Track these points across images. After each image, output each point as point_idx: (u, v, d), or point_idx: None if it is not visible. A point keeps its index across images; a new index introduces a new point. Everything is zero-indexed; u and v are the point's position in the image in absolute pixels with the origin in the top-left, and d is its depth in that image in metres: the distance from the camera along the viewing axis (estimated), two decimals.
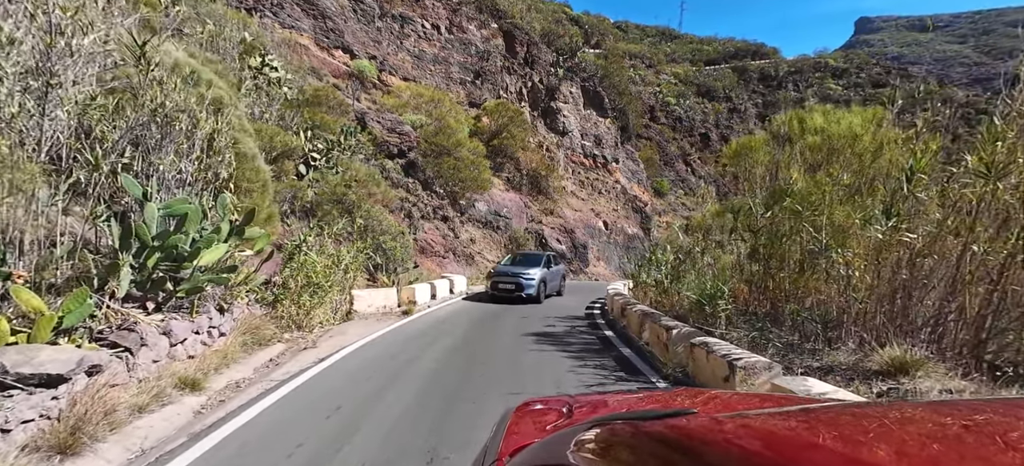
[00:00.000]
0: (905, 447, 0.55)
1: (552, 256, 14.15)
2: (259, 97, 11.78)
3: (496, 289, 12.02)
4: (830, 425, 0.68)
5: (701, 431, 0.64)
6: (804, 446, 0.58)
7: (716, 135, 71.20)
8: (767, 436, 0.64)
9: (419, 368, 5.53)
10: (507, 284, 11.92)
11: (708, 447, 0.59)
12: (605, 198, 30.69)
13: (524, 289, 11.66)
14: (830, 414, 0.76)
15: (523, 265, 12.81)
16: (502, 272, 12.37)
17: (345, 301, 9.06)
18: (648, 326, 6.33)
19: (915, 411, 0.72)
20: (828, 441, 0.59)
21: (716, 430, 0.65)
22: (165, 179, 4.96)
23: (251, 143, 8.28)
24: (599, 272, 25.93)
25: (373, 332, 7.65)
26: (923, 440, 0.58)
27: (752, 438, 0.63)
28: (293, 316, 7.39)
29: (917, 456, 0.52)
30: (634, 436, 0.69)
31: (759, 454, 0.55)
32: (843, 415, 0.74)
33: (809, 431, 0.66)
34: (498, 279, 12.19)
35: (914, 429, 0.63)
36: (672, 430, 0.65)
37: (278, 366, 5.82)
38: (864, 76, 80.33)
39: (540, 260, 13.20)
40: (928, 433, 0.61)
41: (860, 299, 3.84)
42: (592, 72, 32.34)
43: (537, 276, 12.04)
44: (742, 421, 0.74)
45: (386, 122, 18.87)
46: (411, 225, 17.63)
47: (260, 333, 6.45)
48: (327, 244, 9.10)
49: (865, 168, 4.82)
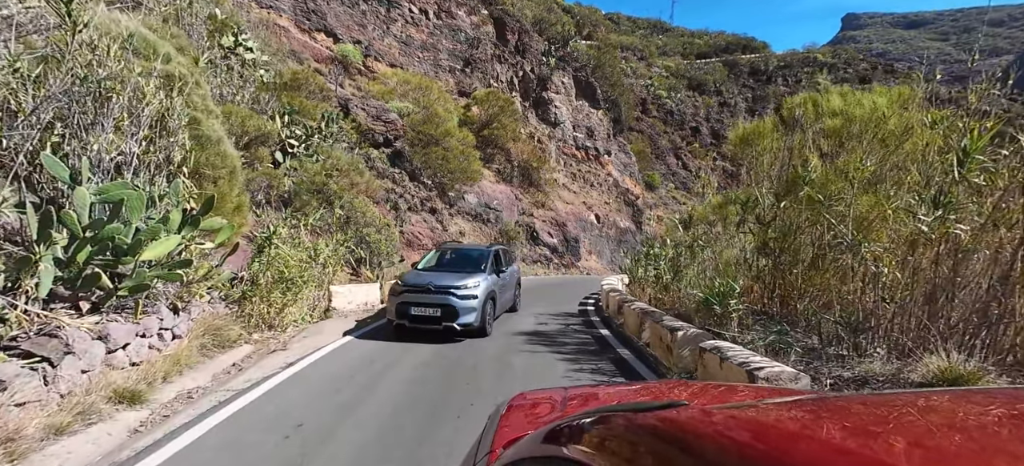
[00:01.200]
0: (895, 436, 0.56)
1: (500, 251, 8.44)
2: (231, 78, 10.99)
3: (406, 317, 6.64)
4: (820, 416, 0.69)
5: (692, 423, 0.65)
6: (793, 437, 0.59)
7: (707, 129, 71.35)
8: (757, 427, 0.65)
9: (398, 374, 4.98)
10: (425, 307, 6.56)
11: (699, 439, 0.59)
12: (597, 191, 30.28)
13: (459, 315, 6.49)
14: (821, 405, 0.78)
15: (455, 269, 7.55)
16: (415, 285, 6.80)
17: (323, 298, 8.45)
18: (648, 326, 5.86)
19: (905, 400, 0.74)
20: (818, 431, 0.61)
21: (707, 422, 0.66)
22: (103, 161, 4.29)
23: (217, 126, 7.58)
24: (591, 266, 25.57)
25: (350, 327, 7.06)
26: (913, 428, 0.59)
27: (742, 429, 0.63)
28: (264, 315, 6.77)
29: (906, 444, 0.52)
30: (626, 428, 0.68)
31: (749, 445, 0.55)
32: (834, 406, 0.75)
33: (799, 422, 0.67)
34: (410, 298, 6.69)
35: (903, 418, 0.63)
36: (663, 422, 0.65)
37: (241, 371, 5.23)
38: (851, 72, 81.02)
39: (483, 258, 7.75)
40: (917, 421, 0.62)
41: (896, 299, 3.40)
42: (584, 62, 31.74)
43: (480, 290, 6.77)
44: (732, 413, 0.74)
45: (371, 109, 18.10)
46: (397, 217, 16.97)
47: (223, 334, 5.83)
48: (303, 236, 8.46)
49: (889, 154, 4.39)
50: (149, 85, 4.74)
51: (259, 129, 9.72)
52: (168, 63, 6.77)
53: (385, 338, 6.70)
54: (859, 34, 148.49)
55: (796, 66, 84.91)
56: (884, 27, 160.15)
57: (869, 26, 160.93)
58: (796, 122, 5.53)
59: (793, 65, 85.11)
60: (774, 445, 0.55)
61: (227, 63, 11.32)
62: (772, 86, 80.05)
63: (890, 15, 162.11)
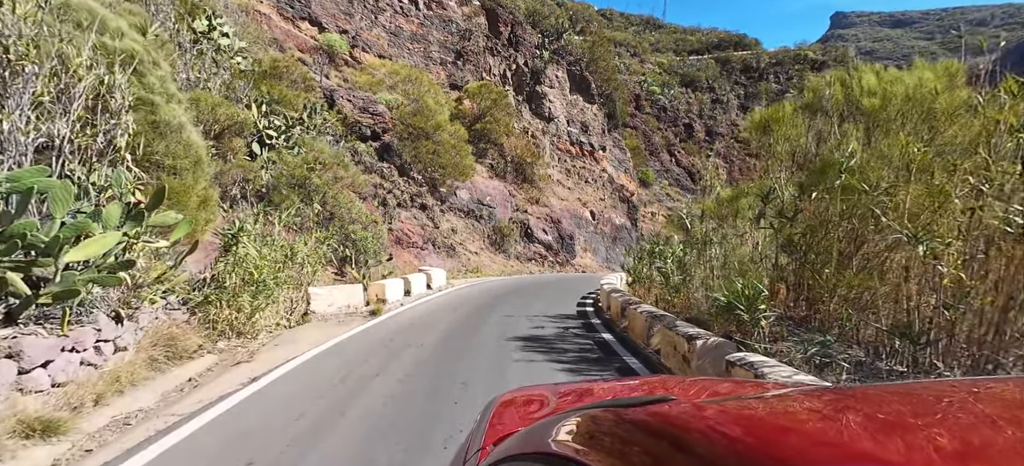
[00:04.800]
0: (882, 428, 0.56)
1: None
2: (202, 63, 10.18)
3: None
4: (809, 408, 0.70)
5: (681, 417, 0.65)
6: (782, 429, 0.60)
7: (700, 126, 71.31)
8: (746, 420, 0.65)
9: (377, 390, 4.34)
10: None
11: (688, 433, 0.59)
12: (592, 187, 29.75)
13: None
14: (810, 398, 0.78)
15: None
16: None
17: (301, 300, 7.75)
18: (659, 332, 5.27)
19: (894, 393, 0.74)
20: (806, 424, 0.62)
21: (696, 416, 0.67)
22: (17, 144, 3.57)
23: (179, 111, 6.83)
24: (586, 264, 25.03)
25: (330, 338, 6.39)
26: (899, 421, 0.59)
27: (731, 423, 0.63)
28: (232, 321, 6.07)
29: (894, 436, 0.52)
30: (615, 423, 0.69)
31: (738, 439, 0.56)
32: (822, 398, 0.75)
33: (787, 415, 0.68)
34: None
35: (890, 410, 0.63)
36: (652, 416, 0.66)
37: (197, 388, 4.54)
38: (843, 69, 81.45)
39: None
40: (904, 414, 0.62)
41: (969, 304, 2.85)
42: (578, 56, 31.11)
43: None
44: (722, 407, 0.74)
45: (358, 101, 17.31)
46: (386, 214, 16.25)
47: (181, 345, 5.13)
48: (279, 234, 7.75)
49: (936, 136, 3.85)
50: (80, 56, 4.02)
51: (232, 118, 8.96)
52: (120, 40, 6.03)
53: (366, 346, 6.05)
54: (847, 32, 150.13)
55: (787, 64, 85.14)
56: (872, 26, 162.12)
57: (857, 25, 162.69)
58: (822, 105, 4.98)
59: (785, 62, 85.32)
60: (762, 437, 0.56)
61: (199, 48, 10.51)
62: (764, 83, 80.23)
63: (877, 14, 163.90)
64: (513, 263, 21.07)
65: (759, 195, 6.04)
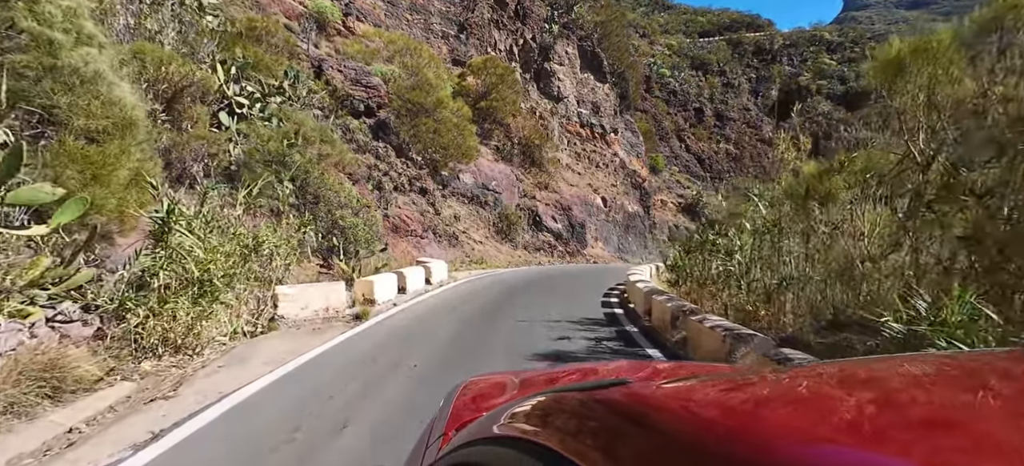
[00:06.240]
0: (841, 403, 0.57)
1: None
2: (161, 15, 8.53)
3: None
4: (763, 386, 0.70)
5: (634, 397, 0.66)
6: (731, 405, 0.60)
7: (710, 110, 68.97)
8: (697, 398, 0.66)
9: (344, 446, 2.82)
10: None
11: (641, 411, 0.59)
12: (603, 172, 28.02)
13: None
14: (766, 377, 0.79)
15: None
16: None
17: (267, 301, 6.23)
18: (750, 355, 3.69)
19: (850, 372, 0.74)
20: (757, 400, 0.63)
21: (649, 396, 0.68)
22: None
23: (97, 57, 5.23)
24: (597, 254, 23.45)
25: (295, 355, 4.86)
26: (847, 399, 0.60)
27: (682, 400, 0.64)
28: (165, 334, 4.55)
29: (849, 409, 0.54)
30: (571, 405, 0.70)
31: (689, 414, 0.56)
32: (784, 376, 0.76)
33: (738, 391, 0.68)
34: None
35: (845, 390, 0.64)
36: (607, 397, 0.66)
37: (70, 446, 3.04)
38: (859, 51, 78.48)
39: None
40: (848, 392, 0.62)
41: None
42: (590, 31, 29.06)
43: None
44: (674, 387, 0.75)
45: (350, 72, 15.60)
46: (381, 198, 14.67)
47: (66, 374, 3.61)
48: (238, 219, 6.20)
49: None
50: None
51: (187, 77, 7.33)
52: None
53: (339, 368, 4.52)
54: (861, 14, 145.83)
55: (802, 45, 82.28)
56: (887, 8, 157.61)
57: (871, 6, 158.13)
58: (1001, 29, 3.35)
59: (799, 44, 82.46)
60: (713, 412, 0.57)
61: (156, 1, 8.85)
62: (777, 66, 77.47)
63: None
64: (520, 253, 19.53)
65: (867, 171, 4.44)
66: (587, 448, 0.54)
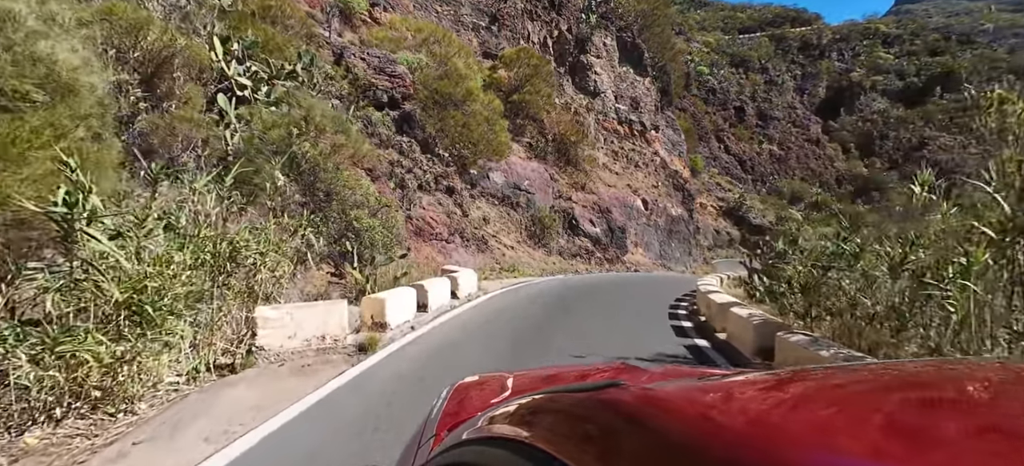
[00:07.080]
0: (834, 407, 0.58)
1: None
2: None
3: None
4: (754, 388, 0.71)
5: (626, 399, 0.65)
6: (723, 407, 0.61)
7: (752, 109, 64.95)
8: (689, 400, 0.66)
9: None
10: None
11: (632, 412, 0.59)
12: (643, 172, 25.83)
13: None
14: (758, 380, 0.78)
15: None
16: None
17: (243, 327, 4.74)
18: None
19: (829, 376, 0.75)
20: (747, 402, 0.63)
21: (641, 398, 0.67)
22: None
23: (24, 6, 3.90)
24: (638, 260, 21.33)
25: (259, 420, 3.30)
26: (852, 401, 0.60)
27: (674, 402, 0.64)
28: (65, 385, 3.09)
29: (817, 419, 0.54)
30: (563, 406, 0.70)
31: (680, 415, 0.56)
32: (785, 380, 0.75)
33: (730, 394, 0.68)
34: None
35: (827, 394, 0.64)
36: (599, 399, 0.66)
37: None
38: (920, 43, 72.23)
39: None
40: (831, 397, 0.63)
41: None
42: (630, 21, 26.99)
43: None
44: (666, 390, 0.75)
45: (373, 60, 14.32)
46: (404, 198, 13.25)
47: None
48: (207, 217, 4.76)
49: None
50: None
51: (168, 46, 6.02)
52: None
53: (317, 448, 2.92)
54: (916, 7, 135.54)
55: (854, 39, 76.75)
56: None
57: None
58: None
59: (850, 38, 76.94)
60: (704, 414, 0.57)
61: None
62: (826, 61, 72.35)
63: None
64: (555, 259, 17.73)
65: None
66: (579, 449, 0.54)
